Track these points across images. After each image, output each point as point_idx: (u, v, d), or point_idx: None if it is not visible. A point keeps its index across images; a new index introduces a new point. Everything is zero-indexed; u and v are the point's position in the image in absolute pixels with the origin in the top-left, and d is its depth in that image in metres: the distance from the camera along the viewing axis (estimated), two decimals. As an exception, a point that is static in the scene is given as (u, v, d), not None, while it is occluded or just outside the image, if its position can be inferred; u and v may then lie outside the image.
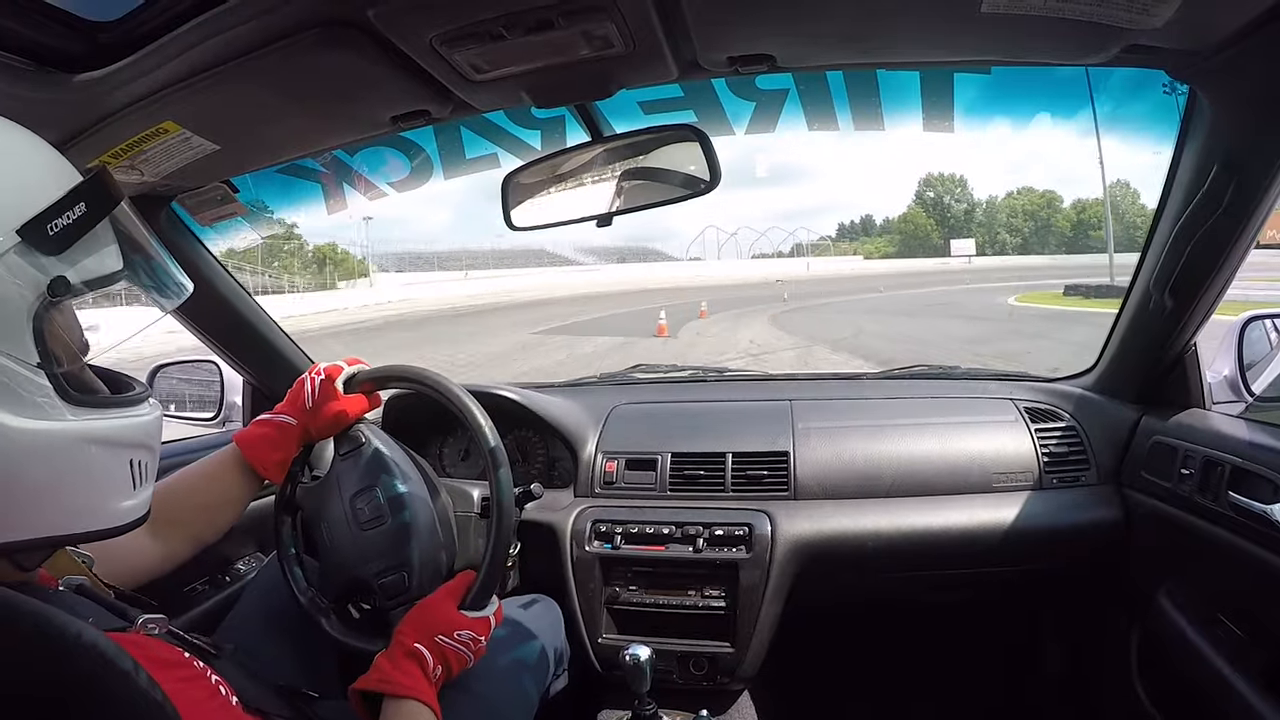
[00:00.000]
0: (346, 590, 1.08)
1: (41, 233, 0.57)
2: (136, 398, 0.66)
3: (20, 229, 0.56)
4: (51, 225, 0.58)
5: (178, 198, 1.24)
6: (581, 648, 1.37)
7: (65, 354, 0.61)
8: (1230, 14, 0.77)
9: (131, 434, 0.65)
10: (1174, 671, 1.20)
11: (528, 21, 0.77)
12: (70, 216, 0.59)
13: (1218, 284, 1.10)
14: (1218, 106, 0.94)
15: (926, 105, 1.05)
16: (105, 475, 0.63)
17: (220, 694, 0.65)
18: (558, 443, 1.56)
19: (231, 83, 0.85)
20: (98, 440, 0.61)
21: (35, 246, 0.57)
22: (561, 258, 68.40)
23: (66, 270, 0.59)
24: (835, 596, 1.48)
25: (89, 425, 0.60)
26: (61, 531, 0.60)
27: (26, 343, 0.56)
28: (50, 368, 0.58)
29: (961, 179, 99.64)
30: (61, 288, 0.58)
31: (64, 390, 0.58)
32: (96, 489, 0.62)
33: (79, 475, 0.60)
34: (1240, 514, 1.02)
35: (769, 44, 0.88)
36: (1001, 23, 0.79)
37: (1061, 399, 1.50)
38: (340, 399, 1.10)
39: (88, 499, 0.61)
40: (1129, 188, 77.71)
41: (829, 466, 1.42)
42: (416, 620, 0.93)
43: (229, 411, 1.68)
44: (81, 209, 0.60)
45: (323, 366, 1.12)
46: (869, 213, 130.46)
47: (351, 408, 1.11)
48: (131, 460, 0.65)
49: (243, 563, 1.48)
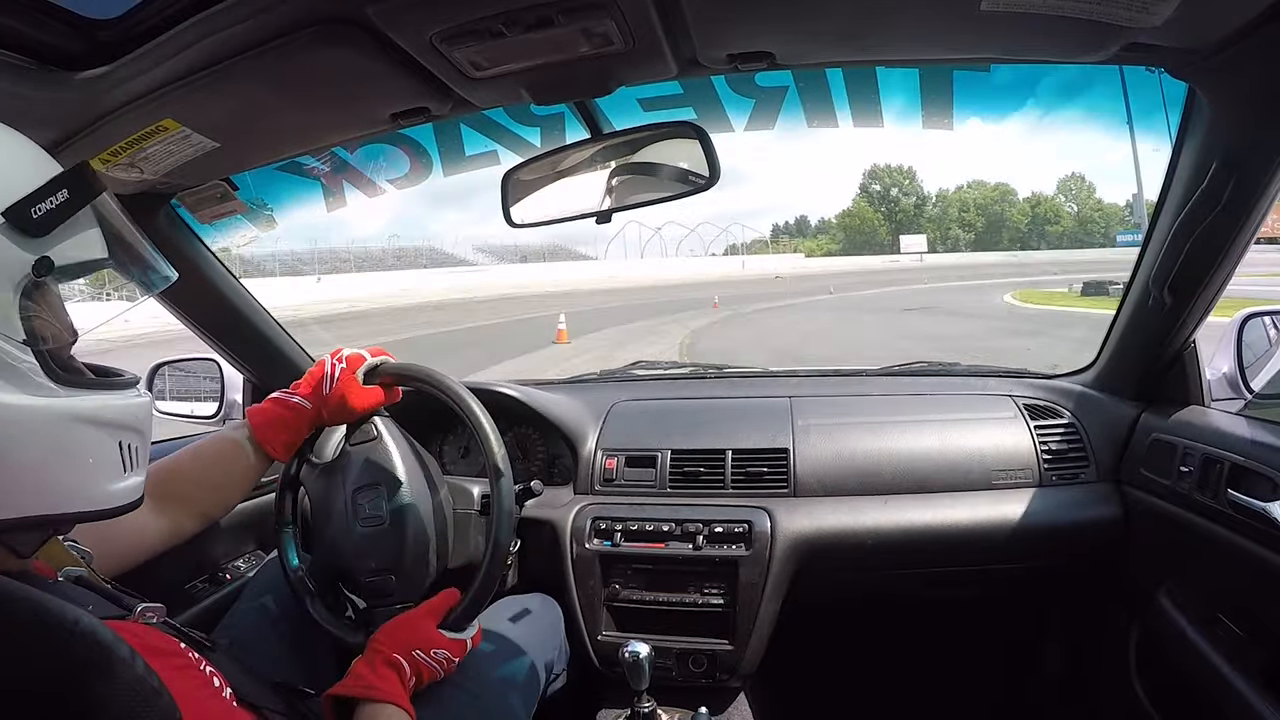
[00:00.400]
0: (334, 579, 1.11)
1: (26, 215, 0.59)
2: (124, 382, 0.68)
3: (5, 210, 0.58)
4: (35, 209, 0.60)
5: (177, 195, 1.24)
6: (581, 645, 1.37)
7: (51, 334, 0.63)
8: (1230, 13, 0.77)
9: (120, 415, 0.66)
10: (1173, 669, 1.20)
11: (527, 19, 0.77)
12: (53, 202, 0.61)
13: (1217, 281, 1.10)
14: (1217, 105, 0.94)
15: (926, 102, 1.05)
16: (95, 455, 0.64)
17: (213, 685, 0.65)
18: (557, 440, 1.56)
19: (231, 80, 0.85)
20: (86, 418, 0.63)
21: (20, 228, 0.59)
22: (454, 257, 62.71)
23: (50, 252, 0.61)
24: (834, 593, 1.48)
25: (76, 402, 0.62)
26: (52, 511, 0.61)
27: (13, 319, 0.58)
28: (36, 344, 0.59)
29: (910, 170, 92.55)
30: (45, 267, 0.60)
31: (50, 369, 0.60)
32: (86, 469, 0.63)
33: (68, 453, 0.61)
34: (1239, 512, 1.02)
35: (768, 41, 0.88)
36: (1001, 20, 0.79)
37: (1061, 396, 1.50)
38: (357, 389, 1.09)
39: (78, 478, 0.63)
40: (1083, 180, 73.94)
41: (829, 463, 1.42)
42: (396, 633, 0.94)
43: (229, 410, 1.68)
44: (64, 194, 0.62)
45: (346, 354, 1.11)
46: (806, 213, 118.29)
47: (368, 399, 1.11)
48: (121, 442, 0.66)
49: (243, 560, 1.49)
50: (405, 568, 1.07)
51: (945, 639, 1.71)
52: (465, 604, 1.00)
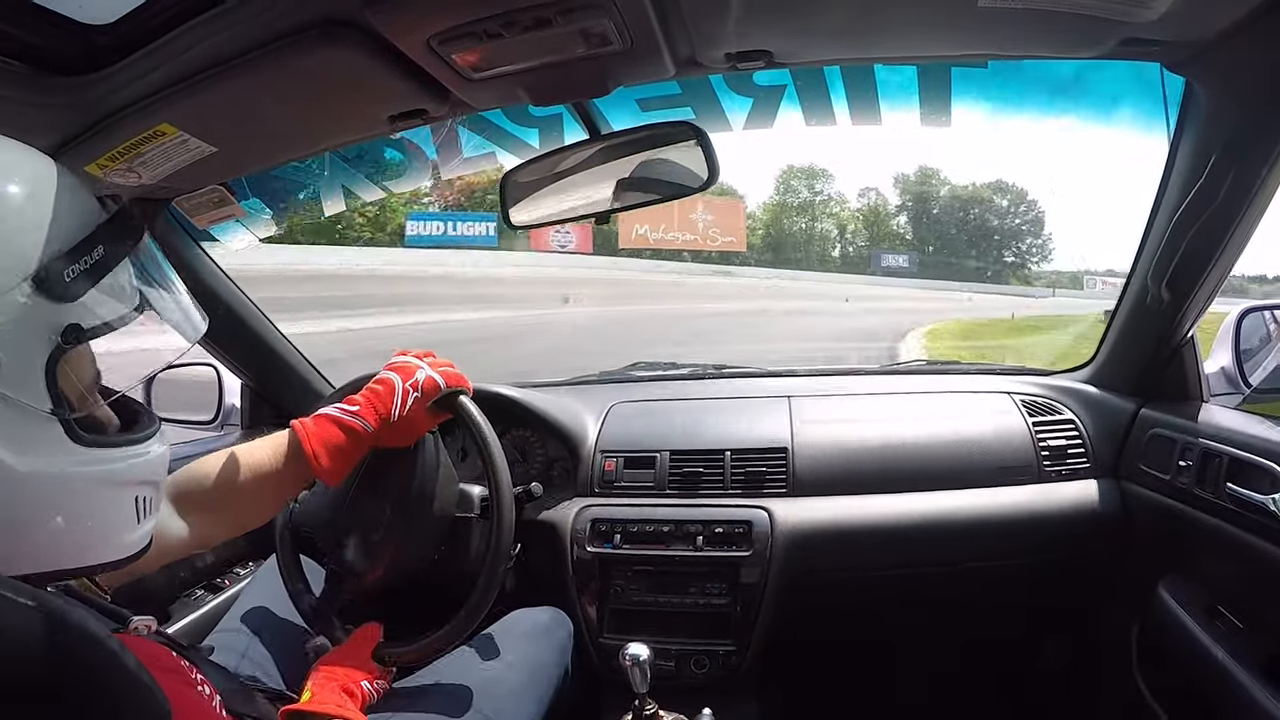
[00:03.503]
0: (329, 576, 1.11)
1: (58, 278, 0.56)
2: (145, 435, 0.66)
3: (34, 276, 0.55)
4: (69, 271, 0.56)
5: (175, 200, 1.24)
6: (583, 648, 1.37)
7: (76, 396, 0.60)
8: (1227, 6, 0.78)
9: (138, 471, 0.64)
10: (1174, 663, 1.21)
11: (525, 20, 0.77)
12: (88, 261, 0.57)
13: (1215, 276, 1.11)
14: (1214, 99, 0.95)
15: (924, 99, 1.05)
16: (110, 513, 0.63)
17: (204, 693, 0.65)
18: (556, 441, 1.56)
19: (228, 84, 0.84)
20: (105, 480, 0.61)
21: (50, 293, 0.55)
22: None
23: (82, 315, 0.57)
24: (835, 591, 1.48)
25: (97, 467, 0.60)
26: (65, 566, 0.60)
27: (39, 388, 0.56)
28: (63, 413, 0.57)
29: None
30: (73, 334, 0.57)
31: (75, 434, 0.58)
32: (101, 526, 0.62)
33: (87, 514, 0.60)
34: (1239, 505, 1.02)
35: (766, 40, 0.88)
36: (998, 16, 0.80)
37: (1059, 392, 1.50)
38: (424, 417, 1.01)
39: (91, 535, 0.62)
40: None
41: (827, 462, 1.42)
42: (341, 663, 0.94)
43: (227, 415, 1.68)
44: (100, 252, 0.58)
45: (421, 378, 0.99)
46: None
47: (431, 424, 1.04)
48: (137, 497, 0.65)
49: (241, 567, 1.48)
50: (404, 568, 1.07)
51: (946, 634, 1.71)
52: (467, 610, 1.00)
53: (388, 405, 0.97)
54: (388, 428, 0.97)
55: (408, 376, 0.99)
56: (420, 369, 1.01)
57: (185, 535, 0.88)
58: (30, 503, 0.56)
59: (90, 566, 0.62)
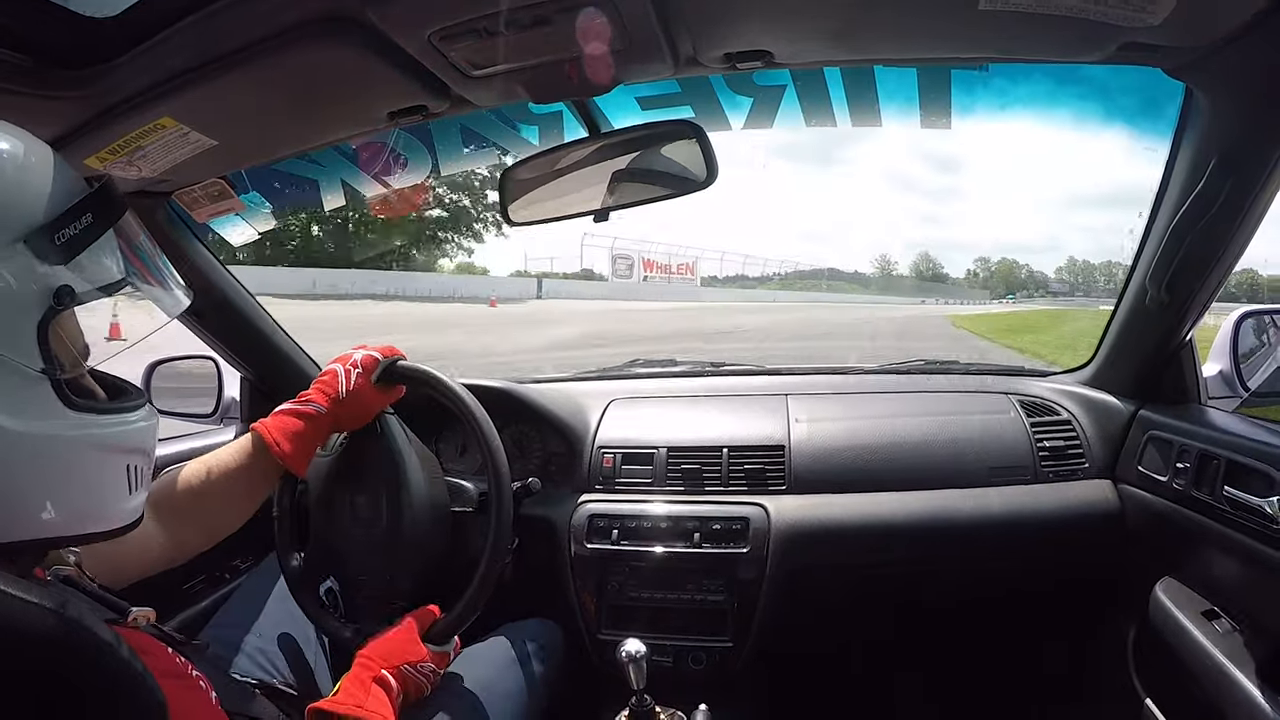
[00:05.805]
0: (328, 573, 1.12)
1: (49, 241, 0.58)
2: (134, 404, 0.67)
3: (28, 237, 0.57)
4: (59, 235, 0.59)
5: (175, 193, 1.24)
6: (579, 645, 1.37)
7: (68, 359, 0.62)
8: (1229, 11, 0.77)
9: (128, 439, 0.66)
10: (1171, 665, 1.21)
11: (525, 17, 0.77)
12: (77, 226, 0.60)
13: (1214, 279, 1.11)
14: (1214, 104, 0.94)
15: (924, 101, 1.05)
16: (102, 479, 0.64)
17: (201, 688, 0.66)
18: (555, 437, 1.56)
19: (229, 78, 0.84)
20: (96, 445, 0.62)
21: (42, 255, 0.58)
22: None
23: (72, 278, 0.60)
24: (831, 589, 1.48)
25: (88, 431, 0.61)
26: (59, 533, 0.61)
27: (31, 348, 0.58)
28: (53, 373, 0.59)
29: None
30: (67, 296, 0.59)
31: (65, 395, 0.60)
32: (94, 492, 0.63)
33: (79, 478, 0.61)
34: (1236, 508, 1.02)
35: (766, 40, 0.88)
36: (999, 20, 0.79)
37: (1058, 394, 1.50)
38: (372, 393, 1.08)
39: (85, 502, 0.63)
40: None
41: (825, 459, 1.42)
42: (382, 647, 0.94)
43: (227, 408, 1.68)
44: (88, 219, 0.61)
45: (358, 356, 1.09)
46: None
47: (382, 401, 1.11)
48: (128, 465, 0.66)
49: (241, 560, 1.49)
50: (402, 566, 1.07)
51: (943, 634, 1.71)
52: (463, 604, 1.01)
53: (334, 386, 1.06)
54: (340, 405, 1.05)
55: (346, 360, 1.09)
56: (357, 351, 1.11)
57: (163, 541, 0.90)
58: (23, 465, 0.57)
59: (86, 535, 0.63)
